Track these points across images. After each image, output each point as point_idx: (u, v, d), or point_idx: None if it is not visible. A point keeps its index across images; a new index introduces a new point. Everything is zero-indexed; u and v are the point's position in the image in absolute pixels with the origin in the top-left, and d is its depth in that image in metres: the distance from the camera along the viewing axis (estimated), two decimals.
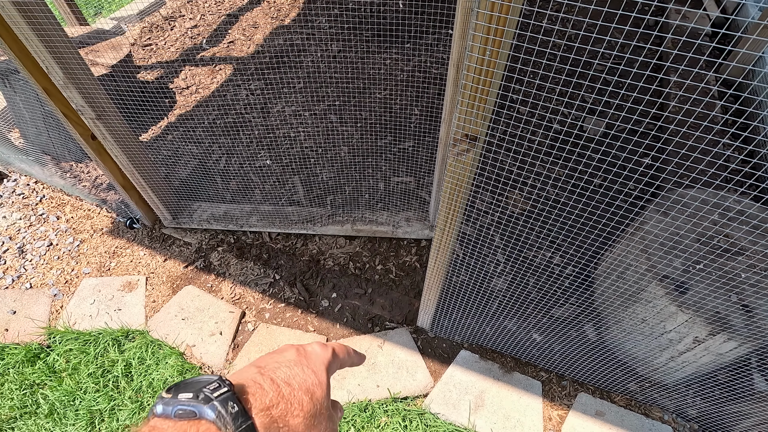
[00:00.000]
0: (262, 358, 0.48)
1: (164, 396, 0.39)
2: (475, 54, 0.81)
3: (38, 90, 1.62)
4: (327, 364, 0.50)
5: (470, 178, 1.08)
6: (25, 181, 2.68)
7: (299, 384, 0.45)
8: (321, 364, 0.49)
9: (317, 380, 0.47)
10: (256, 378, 0.43)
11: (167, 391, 0.39)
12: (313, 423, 0.44)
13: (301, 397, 0.44)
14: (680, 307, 1.49)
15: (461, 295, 1.83)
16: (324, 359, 0.50)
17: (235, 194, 2.47)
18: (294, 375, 0.45)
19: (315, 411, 0.44)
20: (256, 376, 0.43)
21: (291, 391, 0.43)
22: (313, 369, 0.48)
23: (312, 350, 0.51)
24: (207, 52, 3.31)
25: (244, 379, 0.43)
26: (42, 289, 2.22)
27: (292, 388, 0.44)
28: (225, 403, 0.38)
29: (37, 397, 1.92)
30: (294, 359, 0.48)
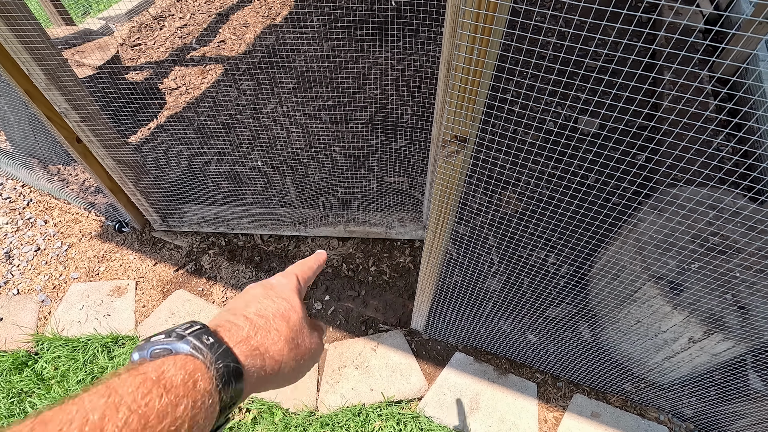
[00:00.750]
0: (230, 303, 0.48)
1: (139, 344, 0.38)
2: (463, 54, 0.78)
3: (20, 93, 1.58)
4: (296, 289, 0.51)
5: (461, 180, 1.06)
6: (11, 185, 2.63)
7: (273, 313, 0.45)
8: (290, 290, 0.50)
9: (290, 305, 0.47)
10: (228, 318, 0.43)
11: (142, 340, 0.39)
12: (296, 344, 0.45)
13: (278, 324, 0.45)
14: (675, 307, 1.47)
15: (455, 296, 1.81)
16: (292, 285, 0.51)
17: (226, 196, 2.44)
18: (266, 307, 0.46)
19: (294, 334, 0.45)
20: (228, 316, 0.44)
21: (266, 322, 0.44)
22: (283, 296, 0.48)
23: (276, 282, 0.51)
24: (197, 52, 3.26)
25: (216, 321, 0.43)
26: (29, 294, 2.18)
27: (266, 319, 0.44)
28: (199, 336, 0.38)
29: (25, 406, 1.89)
30: (261, 293, 0.48)
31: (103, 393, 0.30)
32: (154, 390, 0.31)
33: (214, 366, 0.36)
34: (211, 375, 0.35)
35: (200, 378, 0.34)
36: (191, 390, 0.33)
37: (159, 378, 0.32)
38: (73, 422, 0.27)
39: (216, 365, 0.36)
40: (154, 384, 0.31)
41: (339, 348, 1.92)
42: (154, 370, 0.33)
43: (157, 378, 0.32)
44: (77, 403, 0.29)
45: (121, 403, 0.29)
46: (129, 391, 0.30)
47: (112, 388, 0.30)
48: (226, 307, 0.47)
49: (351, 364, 1.87)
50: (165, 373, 0.33)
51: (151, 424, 0.29)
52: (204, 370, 0.35)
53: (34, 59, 1.46)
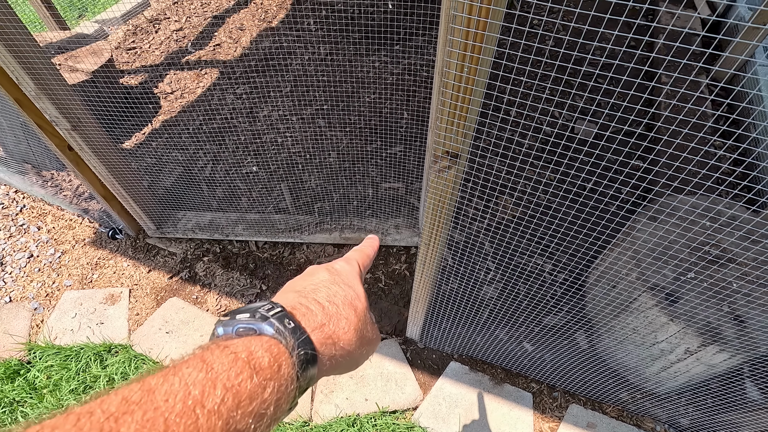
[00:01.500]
0: (294, 283, 0.48)
1: (222, 319, 0.39)
2: (453, 71, 0.77)
3: (10, 101, 1.56)
4: (359, 276, 0.51)
5: (453, 195, 1.05)
6: (4, 191, 2.61)
7: (342, 300, 0.45)
8: (354, 278, 0.50)
9: (355, 293, 0.47)
10: (301, 301, 0.43)
11: (224, 316, 0.40)
12: (362, 334, 0.45)
13: (348, 312, 0.44)
14: (671, 317, 1.46)
15: (451, 304, 1.80)
16: (355, 272, 0.51)
17: (220, 202, 2.42)
18: (335, 293, 0.46)
19: (361, 324, 0.45)
20: (300, 299, 0.44)
21: (336, 309, 0.44)
22: (348, 284, 0.48)
23: (341, 268, 0.51)
24: (192, 56, 3.24)
25: (290, 303, 0.43)
26: (22, 302, 2.17)
27: (336, 306, 0.44)
28: (281, 320, 0.38)
29: (17, 416, 1.87)
30: (328, 278, 0.48)
31: (200, 368, 0.30)
32: (245, 370, 0.32)
33: (296, 352, 0.37)
34: (293, 361, 0.36)
35: (284, 363, 0.35)
36: (276, 374, 0.34)
37: (249, 359, 0.33)
38: (178, 394, 0.28)
39: (297, 351, 0.37)
40: (245, 364, 0.32)
41: None
42: (244, 349, 0.34)
43: (247, 358, 0.33)
44: (177, 374, 0.29)
45: (217, 380, 0.30)
46: (223, 368, 0.31)
47: (207, 363, 0.31)
48: (292, 287, 0.47)
49: (345, 374, 1.85)
50: (253, 354, 0.34)
51: (243, 405, 0.30)
52: (287, 355, 0.36)
53: (23, 68, 1.44)
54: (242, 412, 0.30)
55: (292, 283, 0.48)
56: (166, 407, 0.27)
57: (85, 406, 0.26)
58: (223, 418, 0.28)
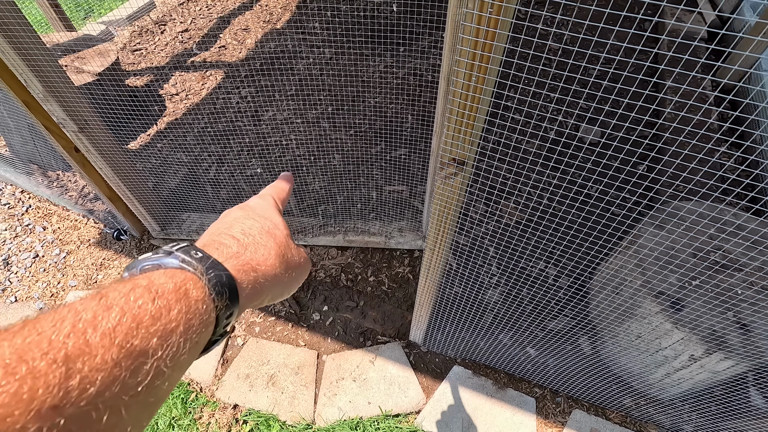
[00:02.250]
0: (211, 228, 0.47)
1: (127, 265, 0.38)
2: (461, 80, 0.77)
3: (18, 103, 1.57)
4: (275, 208, 0.51)
5: (459, 201, 1.05)
6: (10, 191, 2.63)
7: (258, 231, 0.45)
8: (270, 209, 0.50)
9: (272, 223, 0.47)
10: (213, 238, 0.42)
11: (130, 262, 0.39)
12: (286, 259, 0.45)
13: (266, 240, 0.44)
14: (676, 324, 1.46)
15: (454, 308, 1.80)
16: (270, 205, 0.51)
17: (225, 204, 2.43)
18: (250, 227, 0.45)
19: (282, 249, 0.45)
20: (212, 237, 0.43)
21: (253, 240, 0.43)
22: (264, 215, 0.48)
23: (255, 203, 0.51)
24: (197, 57, 3.26)
25: (202, 242, 0.42)
26: (27, 302, 2.18)
27: (253, 237, 0.43)
28: (187, 251, 0.37)
29: None
30: (242, 214, 0.47)
31: (93, 297, 0.29)
32: (145, 295, 0.31)
33: (206, 276, 0.36)
34: (203, 284, 0.35)
35: (192, 287, 0.34)
36: (183, 296, 0.33)
37: (149, 285, 0.32)
38: (65, 320, 0.26)
39: (207, 275, 0.36)
40: (144, 290, 0.31)
41: (337, 360, 1.91)
42: (144, 278, 0.33)
43: (147, 285, 0.32)
44: (68, 306, 0.28)
45: (113, 305, 0.29)
46: (119, 295, 0.30)
47: (102, 293, 0.30)
48: (207, 231, 0.46)
49: (349, 377, 1.86)
50: (155, 282, 0.33)
51: (144, 324, 0.29)
52: (195, 280, 0.35)
53: (31, 70, 1.45)
54: (144, 332, 0.29)
55: (209, 229, 0.48)
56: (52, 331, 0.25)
57: None
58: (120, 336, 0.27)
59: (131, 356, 0.27)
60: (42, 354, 0.24)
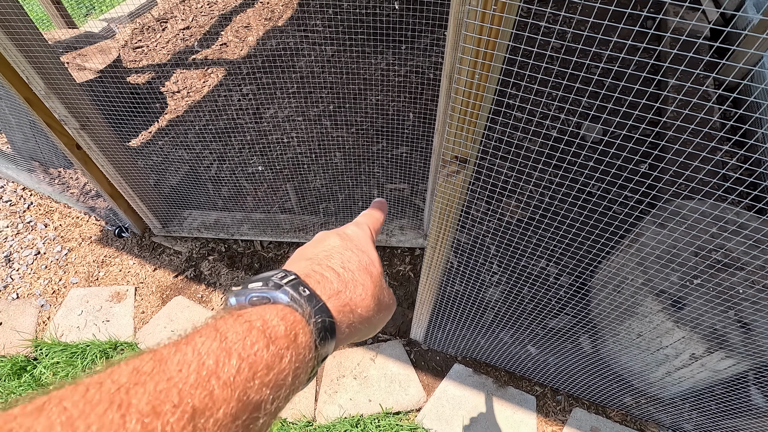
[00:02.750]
0: (305, 251, 0.46)
1: (235, 289, 0.38)
2: (464, 77, 0.77)
3: (20, 100, 1.58)
4: (371, 239, 0.50)
5: (461, 199, 1.05)
6: (12, 188, 2.63)
7: (356, 266, 0.44)
8: (366, 242, 0.48)
9: (369, 258, 0.46)
10: (315, 268, 0.41)
11: (236, 286, 0.38)
12: (379, 300, 0.44)
13: (363, 278, 0.43)
14: (677, 323, 1.46)
15: (455, 306, 1.80)
16: (366, 236, 0.50)
17: (226, 201, 2.43)
18: (348, 259, 0.44)
19: (377, 289, 0.44)
20: (313, 266, 0.42)
21: (352, 276, 0.42)
22: (361, 249, 0.46)
23: (352, 232, 0.49)
24: (199, 55, 3.25)
25: (303, 271, 0.41)
26: (29, 299, 2.18)
27: (351, 273, 0.43)
28: (296, 288, 0.37)
29: None
30: (341, 245, 0.46)
31: (213, 336, 0.29)
32: (261, 340, 0.31)
33: (313, 320, 0.36)
34: (310, 329, 0.35)
35: (301, 331, 0.34)
36: (293, 342, 0.33)
37: (264, 327, 0.32)
38: (191, 364, 0.27)
39: (315, 319, 0.36)
40: (260, 333, 0.31)
41: (338, 357, 1.92)
42: (258, 318, 0.33)
43: (262, 327, 0.32)
44: (190, 343, 0.28)
45: (232, 350, 0.29)
46: (237, 338, 0.30)
47: (221, 332, 0.30)
48: (303, 255, 0.45)
49: (349, 374, 1.86)
50: (268, 323, 0.32)
51: (259, 375, 0.29)
52: (303, 324, 0.35)
53: (33, 68, 1.45)
54: (259, 383, 0.29)
55: (303, 251, 0.47)
56: (179, 378, 0.26)
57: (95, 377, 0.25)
58: (239, 389, 0.28)
59: (247, 410, 0.28)
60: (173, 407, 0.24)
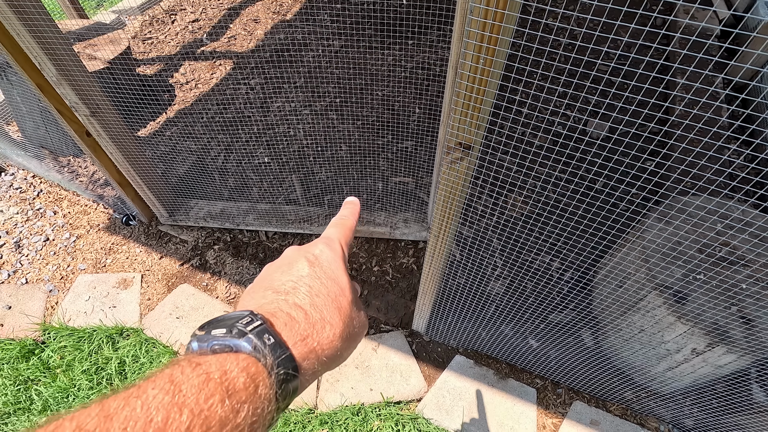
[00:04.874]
0: (272, 275, 0.44)
1: (198, 333, 0.37)
2: (469, 62, 0.78)
3: (32, 86, 1.60)
4: (342, 260, 0.47)
5: (465, 187, 1.06)
6: (22, 176, 2.67)
7: (324, 301, 0.42)
8: (336, 265, 0.46)
9: (339, 288, 0.44)
10: (281, 306, 0.40)
11: (200, 329, 0.37)
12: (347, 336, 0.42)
13: (331, 315, 0.41)
14: (679, 317, 1.46)
15: (457, 299, 1.81)
16: (337, 257, 0.47)
17: (232, 192, 2.45)
18: (317, 293, 0.42)
19: (346, 326, 0.42)
20: (280, 304, 0.41)
21: (320, 315, 0.41)
22: (331, 277, 0.44)
23: (321, 254, 0.46)
24: (207, 47, 3.28)
25: (270, 309, 0.40)
26: (38, 284, 2.22)
27: (319, 311, 0.41)
28: (260, 335, 0.36)
29: (31, 393, 1.92)
30: (309, 273, 0.44)
31: (167, 389, 0.29)
32: (217, 393, 0.30)
33: (275, 371, 0.35)
34: (272, 381, 0.34)
35: (261, 383, 0.33)
36: (252, 395, 0.32)
37: (222, 380, 0.31)
38: (138, 422, 0.26)
39: (277, 371, 0.35)
40: (217, 386, 0.31)
41: None
42: (217, 369, 0.32)
43: (220, 379, 0.31)
44: (141, 396, 0.28)
45: (184, 405, 0.28)
46: (192, 390, 0.29)
47: (176, 384, 0.30)
48: (269, 283, 0.44)
49: (351, 364, 1.88)
50: (228, 374, 0.32)
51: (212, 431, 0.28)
52: (265, 375, 0.34)
53: (45, 54, 1.48)
54: None
55: (270, 275, 0.45)
56: None
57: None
58: None
59: None
60: None
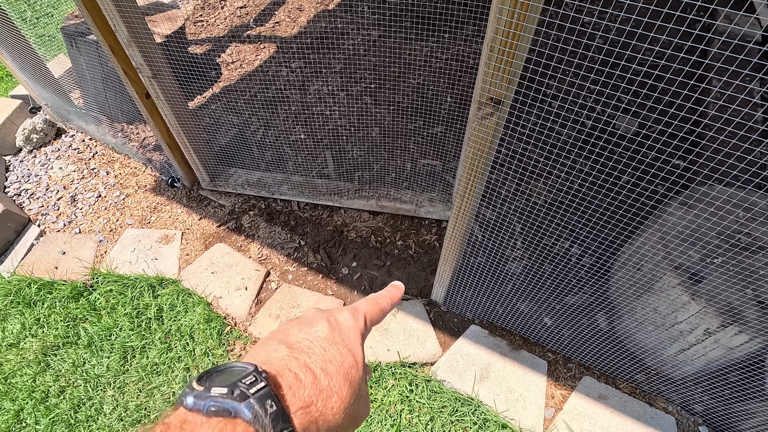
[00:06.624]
0: (289, 329, 0.43)
1: (195, 387, 0.35)
2: (505, 17, 0.88)
3: (105, 47, 1.78)
4: (361, 335, 0.46)
5: (493, 144, 1.15)
6: (81, 138, 2.91)
7: (336, 369, 0.40)
8: (356, 337, 0.45)
9: (353, 360, 0.42)
10: (291, 365, 0.39)
11: (198, 381, 0.35)
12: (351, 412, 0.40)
13: (340, 386, 0.40)
14: (693, 297, 1.50)
15: (476, 276, 1.89)
16: (358, 330, 0.46)
17: (269, 163, 2.61)
18: (330, 359, 0.41)
19: (353, 399, 0.40)
20: (290, 362, 0.39)
21: (329, 383, 0.39)
22: (348, 347, 0.43)
23: (344, 321, 0.45)
24: (253, 31, 3.47)
25: (278, 366, 0.39)
26: (89, 234, 2.43)
27: (330, 378, 0.39)
28: (263, 401, 0.34)
29: (79, 330, 2.11)
30: (327, 336, 0.43)
31: None
32: None
33: None
34: None
35: None
36: None
37: None
38: None
39: None
40: None
41: None
42: None
43: None
44: None
45: None
46: None
47: None
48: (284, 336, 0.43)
49: None
50: None
51: None
52: None
53: (120, 16, 1.65)
54: None
55: (286, 330, 0.44)
56: None
57: None
58: None
59: None
60: None
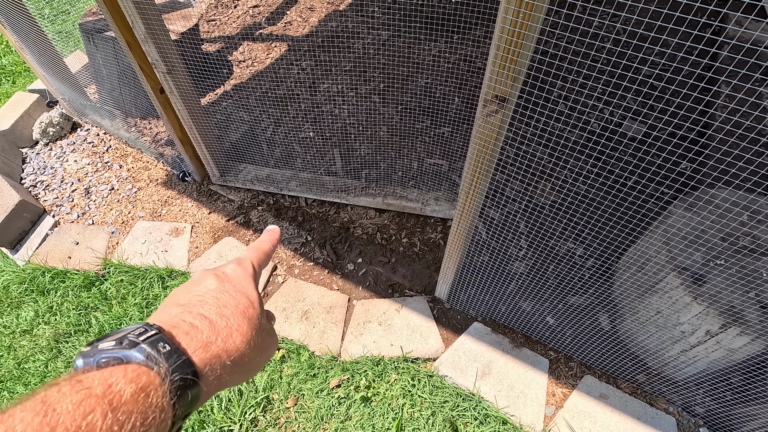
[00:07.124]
0: (178, 294, 0.44)
1: (83, 350, 0.34)
2: (510, 17, 0.90)
3: (122, 43, 1.84)
4: (252, 278, 0.48)
5: (498, 141, 1.18)
6: (95, 132, 2.98)
7: (232, 311, 0.42)
8: (247, 282, 0.47)
9: (248, 301, 0.44)
10: (185, 318, 0.40)
11: (87, 345, 0.35)
12: (256, 344, 0.42)
13: (239, 323, 0.41)
14: (695, 298, 1.51)
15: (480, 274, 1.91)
16: (248, 274, 0.48)
17: (278, 160, 2.65)
18: (225, 304, 0.42)
19: (254, 333, 0.42)
20: (184, 315, 0.40)
21: (227, 323, 0.41)
22: (241, 291, 0.45)
23: (232, 272, 0.47)
24: (265, 30, 3.52)
25: (172, 321, 0.39)
26: (102, 226, 2.48)
27: (227, 319, 0.41)
28: (155, 344, 0.34)
29: (90, 318, 2.17)
30: (218, 287, 0.44)
31: (38, 410, 0.26)
32: (98, 408, 0.28)
33: (170, 378, 0.33)
34: (165, 388, 0.32)
35: (153, 392, 0.31)
36: (141, 405, 0.30)
37: (105, 393, 0.29)
38: None
39: (172, 377, 0.33)
40: (98, 401, 0.28)
41: (366, 305, 2.07)
42: (101, 383, 0.30)
43: (102, 393, 0.29)
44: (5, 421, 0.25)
45: (58, 424, 0.26)
46: (68, 408, 0.27)
47: (48, 404, 0.27)
48: (176, 300, 0.43)
49: (375, 321, 2.01)
50: (112, 387, 0.30)
51: None
52: (158, 383, 0.32)
53: (138, 13, 1.70)
54: None
55: (176, 295, 0.44)
56: None
57: None
58: None
59: None
60: None
